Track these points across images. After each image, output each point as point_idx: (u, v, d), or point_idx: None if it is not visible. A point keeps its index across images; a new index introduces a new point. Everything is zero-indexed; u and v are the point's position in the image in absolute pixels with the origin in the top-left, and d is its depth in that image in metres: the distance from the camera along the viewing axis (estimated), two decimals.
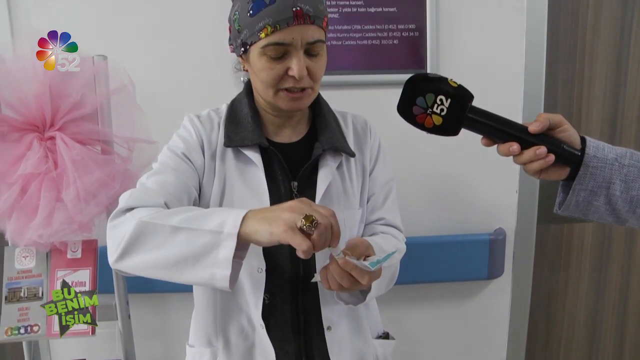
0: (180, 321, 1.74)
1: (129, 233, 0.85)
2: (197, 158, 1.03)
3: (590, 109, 1.89)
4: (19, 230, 1.28)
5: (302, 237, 0.76)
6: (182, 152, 1.02)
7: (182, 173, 1.00)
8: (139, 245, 0.85)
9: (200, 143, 1.04)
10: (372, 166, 1.14)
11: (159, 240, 0.84)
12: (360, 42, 1.66)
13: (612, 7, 1.83)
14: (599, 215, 0.89)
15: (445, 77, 0.84)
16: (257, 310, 1.02)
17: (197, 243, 0.82)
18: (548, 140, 0.83)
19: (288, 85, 0.97)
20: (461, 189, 1.78)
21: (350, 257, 0.85)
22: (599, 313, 2.05)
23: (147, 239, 0.84)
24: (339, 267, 0.86)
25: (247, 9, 0.94)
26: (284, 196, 1.03)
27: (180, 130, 1.07)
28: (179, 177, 0.98)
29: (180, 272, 0.83)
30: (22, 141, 1.26)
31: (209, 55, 1.62)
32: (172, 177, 0.98)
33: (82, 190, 1.24)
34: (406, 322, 1.83)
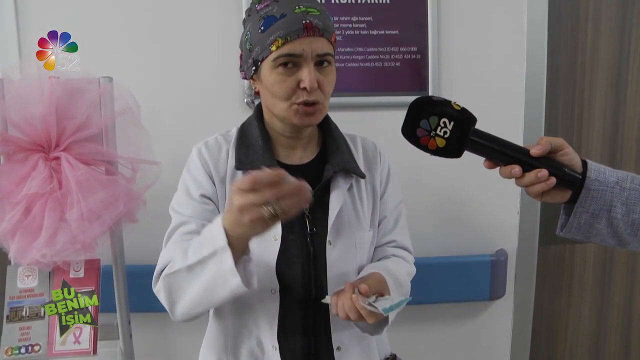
0: (183, 341, 1.73)
1: (162, 291, 0.96)
2: (209, 189, 1.05)
3: (591, 130, 1.91)
4: (22, 249, 1.28)
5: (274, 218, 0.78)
6: (199, 194, 1.05)
7: (201, 216, 1.03)
8: (175, 297, 0.95)
9: (208, 172, 1.06)
10: (382, 190, 1.15)
11: (185, 284, 0.92)
12: (363, 64, 1.68)
13: (610, 29, 1.86)
14: (601, 238, 0.90)
15: (449, 100, 0.86)
16: (272, 331, 1.02)
17: (208, 270, 0.88)
18: (550, 164, 0.84)
19: (300, 99, 0.98)
20: (462, 211, 1.78)
21: (363, 300, 0.88)
22: (602, 334, 2.04)
23: (177, 289, 0.94)
24: (350, 301, 0.89)
25: (259, 27, 0.97)
26: (296, 218, 1.03)
27: (188, 164, 1.09)
28: (198, 222, 1.02)
29: (212, 298, 0.91)
30: (27, 161, 1.26)
31: (214, 78, 1.64)
32: (193, 225, 1.02)
33: (86, 211, 1.24)
34: (408, 343, 1.81)
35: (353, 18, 1.66)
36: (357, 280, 0.97)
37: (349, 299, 0.89)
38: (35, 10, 1.59)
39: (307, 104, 0.98)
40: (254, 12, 1.01)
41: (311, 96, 0.97)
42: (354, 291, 0.90)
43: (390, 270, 1.05)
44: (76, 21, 1.53)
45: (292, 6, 0.96)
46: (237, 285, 0.85)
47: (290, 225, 1.03)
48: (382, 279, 0.99)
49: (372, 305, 0.87)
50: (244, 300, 1.04)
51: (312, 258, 1.04)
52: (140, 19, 1.63)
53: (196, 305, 0.93)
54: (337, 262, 1.04)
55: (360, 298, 0.88)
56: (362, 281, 0.96)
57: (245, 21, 1.04)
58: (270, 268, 1.00)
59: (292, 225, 1.03)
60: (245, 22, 1.04)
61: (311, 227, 1.05)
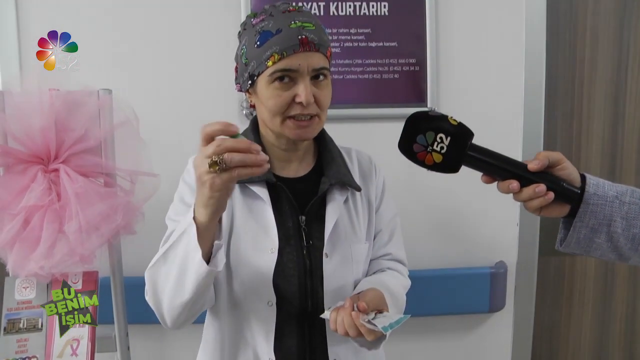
0: (180, 353, 1.72)
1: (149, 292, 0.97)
2: None
3: (590, 143, 1.91)
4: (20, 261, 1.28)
5: (221, 174, 0.77)
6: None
7: None
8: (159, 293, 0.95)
9: None
10: (378, 203, 1.16)
11: (163, 275, 0.93)
12: (362, 76, 1.69)
13: (608, 41, 1.87)
14: (601, 252, 0.89)
15: (446, 115, 0.86)
16: (268, 343, 1.03)
17: (179, 251, 0.88)
18: (547, 178, 0.84)
19: (295, 113, 0.98)
20: (462, 222, 1.78)
21: (363, 317, 0.88)
22: (605, 347, 2.02)
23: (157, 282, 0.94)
24: (350, 318, 0.89)
25: (255, 41, 0.98)
26: (292, 230, 1.05)
27: (184, 175, 1.10)
28: None
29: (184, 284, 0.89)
30: (26, 173, 1.26)
31: (212, 89, 1.65)
32: None
33: (84, 223, 1.24)
34: (408, 355, 1.81)
35: (352, 30, 1.67)
36: (356, 296, 0.98)
37: (349, 315, 0.89)
38: (36, 23, 1.60)
39: (302, 118, 0.99)
40: (250, 26, 1.01)
41: (306, 110, 0.98)
42: (353, 308, 0.90)
43: (388, 285, 1.05)
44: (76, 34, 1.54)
45: (287, 21, 0.97)
46: (199, 260, 0.84)
47: (286, 237, 1.04)
48: (380, 295, 0.99)
49: (371, 323, 0.87)
50: (241, 312, 1.04)
51: (308, 270, 1.04)
52: (139, 32, 1.64)
53: (175, 294, 0.91)
54: (334, 275, 1.04)
55: (360, 316, 0.88)
56: (360, 297, 0.96)
57: (241, 34, 1.04)
58: (266, 280, 1.01)
59: (288, 238, 1.04)
60: (240, 35, 1.05)
61: (307, 240, 1.05)
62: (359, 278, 1.09)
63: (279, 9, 1.00)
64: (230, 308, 1.05)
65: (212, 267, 0.86)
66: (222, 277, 1.03)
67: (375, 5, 1.67)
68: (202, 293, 0.91)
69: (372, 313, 0.92)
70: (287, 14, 0.98)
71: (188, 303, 0.91)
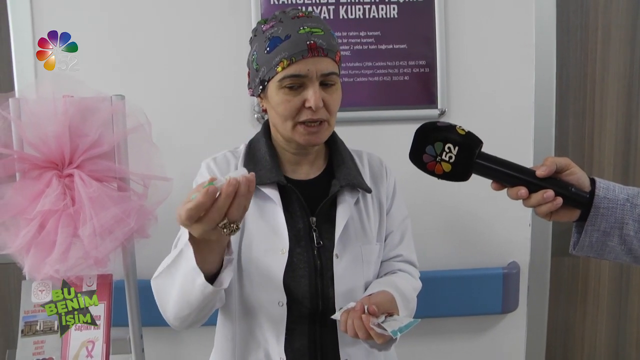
0: (195, 355, 1.74)
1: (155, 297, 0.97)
2: None
3: (603, 143, 1.89)
4: (36, 265, 1.30)
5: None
6: None
7: None
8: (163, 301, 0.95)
9: None
10: (389, 205, 1.17)
11: (168, 286, 0.92)
12: (372, 78, 1.69)
13: (620, 40, 1.85)
14: (615, 255, 0.89)
15: (454, 125, 0.87)
16: (279, 344, 1.04)
17: (181, 268, 0.87)
18: (556, 184, 0.84)
19: (305, 118, 1.00)
20: (474, 223, 1.78)
21: (373, 320, 0.89)
22: (621, 348, 2.00)
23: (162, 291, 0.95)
24: (360, 321, 0.90)
25: (265, 47, 0.99)
26: (303, 231, 1.06)
27: (197, 179, 1.11)
28: None
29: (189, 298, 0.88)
30: (41, 178, 1.28)
31: (225, 94, 1.66)
32: None
33: (98, 227, 1.26)
34: (420, 357, 1.81)
35: (361, 33, 1.67)
36: (366, 298, 0.98)
37: (359, 318, 0.90)
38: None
39: (312, 123, 1.00)
40: (260, 32, 1.03)
41: (316, 115, 0.99)
42: (363, 310, 0.91)
43: (399, 287, 1.06)
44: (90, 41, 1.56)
45: (296, 27, 0.98)
46: (202, 284, 0.83)
47: (297, 238, 1.05)
48: (391, 298, 1.00)
49: (381, 326, 0.88)
50: (252, 312, 1.05)
51: (319, 271, 1.05)
52: (151, 37, 1.66)
53: (180, 308, 0.91)
54: (344, 275, 1.05)
55: (371, 319, 0.88)
56: (371, 299, 0.96)
57: (252, 40, 1.06)
58: (277, 281, 1.02)
59: (299, 239, 1.05)
60: (252, 41, 1.07)
61: (318, 241, 1.06)
62: (370, 279, 1.10)
63: (288, 15, 1.01)
64: (241, 308, 1.06)
65: (217, 287, 0.85)
66: (233, 278, 1.04)
67: (384, 8, 1.67)
68: (208, 303, 0.91)
69: (382, 316, 0.92)
70: (296, 20, 0.99)
71: (194, 312, 0.92)
